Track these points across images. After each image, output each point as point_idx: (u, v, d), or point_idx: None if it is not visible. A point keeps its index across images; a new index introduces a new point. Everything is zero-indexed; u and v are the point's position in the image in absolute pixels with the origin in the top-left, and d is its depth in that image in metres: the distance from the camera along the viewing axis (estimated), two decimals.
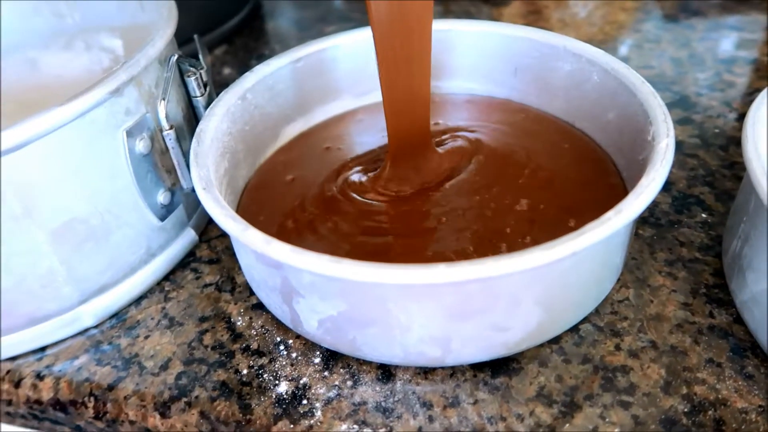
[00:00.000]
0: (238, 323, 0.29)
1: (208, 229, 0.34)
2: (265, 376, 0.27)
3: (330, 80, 0.36)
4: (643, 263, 0.30)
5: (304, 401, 0.26)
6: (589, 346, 0.26)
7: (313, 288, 0.24)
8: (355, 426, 0.25)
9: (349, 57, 0.36)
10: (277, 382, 0.26)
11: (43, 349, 0.29)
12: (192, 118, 0.33)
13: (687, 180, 0.34)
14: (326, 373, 0.26)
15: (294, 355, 0.27)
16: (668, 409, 0.24)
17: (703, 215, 0.32)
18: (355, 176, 0.32)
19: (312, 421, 0.25)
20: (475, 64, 0.37)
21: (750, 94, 0.41)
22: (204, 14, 0.52)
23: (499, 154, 0.32)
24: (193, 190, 0.30)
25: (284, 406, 0.25)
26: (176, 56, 0.30)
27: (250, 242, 0.23)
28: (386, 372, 0.26)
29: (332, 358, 0.27)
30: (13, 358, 0.29)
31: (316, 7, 0.59)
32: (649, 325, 0.27)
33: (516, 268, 0.21)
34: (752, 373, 0.25)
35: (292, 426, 0.25)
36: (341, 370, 0.27)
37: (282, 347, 0.28)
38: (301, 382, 0.26)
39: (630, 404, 0.24)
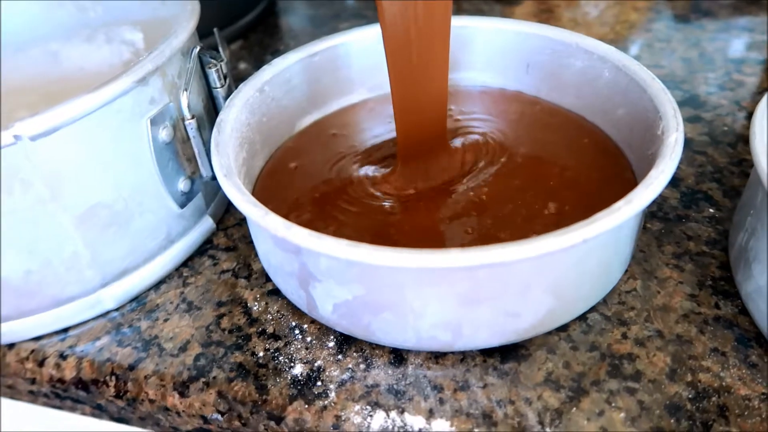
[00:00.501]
0: (255, 308, 0.30)
1: (225, 218, 0.35)
2: (280, 358, 0.27)
3: (345, 74, 0.37)
4: (651, 256, 0.30)
5: (319, 383, 0.26)
6: (597, 335, 0.27)
7: (330, 273, 0.25)
8: (367, 407, 0.25)
9: (364, 52, 0.37)
10: (292, 364, 0.27)
11: (66, 330, 0.30)
12: (212, 109, 0.34)
13: (695, 176, 0.35)
14: (340, 357, 0.27)
15: (309, 339, 0.28)
16: (673, 395, 0.24)
17: (711, 210, 0.32)
18: (365, 171, 0.32)
19: (326, 402, 0.26)
20: (489, 60, 0.37)
21: (760, 93, 0.41)
22: (220, 10, 0.53)
23: (523, 152, 0.32)
24: (213, 179, 0.31)
25: (299, 388, 0.26)
26: (198, 48, 0.31)
27: (271, 227, 0.24)
28: (398, 356, 0.27)
29: (346, 342, 0.28)
30: (37, 338, 0.30)
31: (329, 5, 0.60)
32: (656, 315, 0.28)
33: (528, 254, 0.22)
34: (756, 362, 0.25)
35: (306, 406, 0.26)
36: (354, 353, 0.27)
37: (297, 331, 0.29)
38: (316, 364, 0.27)
39: (636, 390, 0.25)
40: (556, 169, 0.31)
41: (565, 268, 0.24)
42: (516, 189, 0.30)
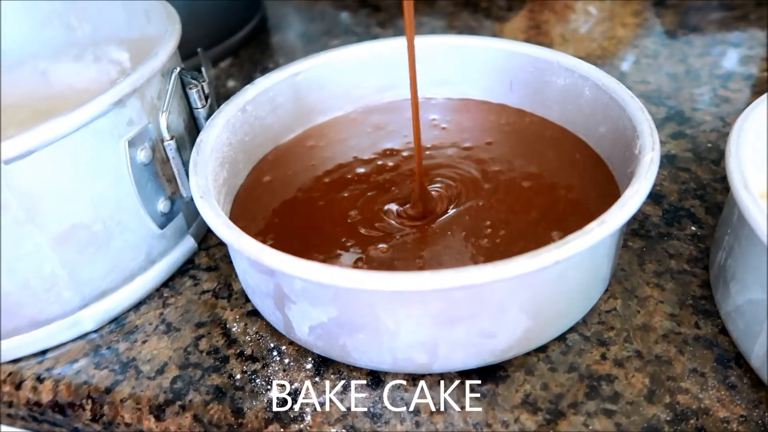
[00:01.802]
0: (234, 329, 0.30)
1: (207, 238, 0.35)
2: (258, 381, 0.27)
3: (329, 93, 0.37)
4: (632, 274, 0.30)
5: (295, 406, 0.26)
6: (576, 355, 0.27)
7: (304, 294, 0.25)
8: (343, 430, 0.25)
9: (348, 71, 0.37)
10: (269, 387, 0.27)
11: (44, 352, 0.30)
12: (193, 129, 0.34)
13: (678, 193, 0.35)
14: (317, 379, 0.27)
15: (287, 360, 0.28)
16: (651, 417, 0.24)
17: (693, 228, 0.32)
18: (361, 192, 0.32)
19: (302, 426, 0.25)
20: (473, 78, 0.37)
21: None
22: (211, 28, 0.53)
23: (524, 171, 0.32)
24: (193, 199, 0.31)
25: (275, 411, 0.26)
26: (178, 69, 0.31)
27: (244, 249, 0.24)
28: (376, 378, 0.27)
29: (323, 364, 0.28)
30: (15, 361, 0.30)
31: (321, 21, 0.60)
32: (636, 335, 0.27)
33: (499, 276, 0.22)
34: (735, 383, 0.25)
35: (282, 430, 0.25)
36: (332, 375, 0.27)
37: (275, 353, 0.28)
38: (293, 387, 0.27)
39: (614, 412, 0.24)
40: (561, 191, 0.30)
41: (540, 289, 0.24)
42: (528, 222, 0.29)
